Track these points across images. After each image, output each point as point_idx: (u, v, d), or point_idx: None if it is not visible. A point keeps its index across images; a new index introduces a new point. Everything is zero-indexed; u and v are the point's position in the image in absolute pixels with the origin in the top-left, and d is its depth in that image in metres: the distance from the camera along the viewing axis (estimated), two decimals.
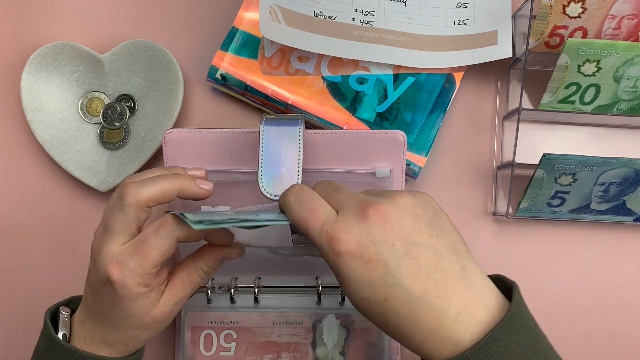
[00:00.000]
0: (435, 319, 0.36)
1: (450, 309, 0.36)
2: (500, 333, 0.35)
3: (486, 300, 0.37)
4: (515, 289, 0.38)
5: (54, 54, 0.57)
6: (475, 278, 0.38)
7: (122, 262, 0.40)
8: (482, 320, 0.36)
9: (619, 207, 0.56)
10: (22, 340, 0.58)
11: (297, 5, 0.56)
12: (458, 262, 0.37)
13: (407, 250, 0.36)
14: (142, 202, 0.41)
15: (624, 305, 0.59)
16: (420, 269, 0.36)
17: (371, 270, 0.36)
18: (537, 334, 0.37)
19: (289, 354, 0.54)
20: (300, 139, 0.49)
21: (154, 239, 0.40)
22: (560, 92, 0.55)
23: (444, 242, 0.38)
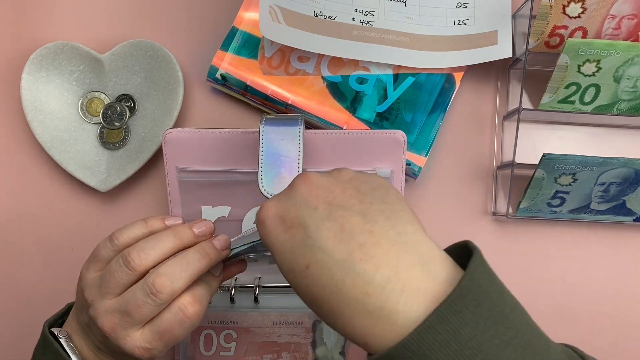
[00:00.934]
0: (360, 287, 0.31)
1: (377, 274, 0.31)
2: (447, 313, 0.29)
3: (429, 266, 0.31)
4: (473, 258, 0.31)
5: (54, 54, 0.57)
6: (417, 244, 0.33)
7: (150, 347, 0.40)
8: (421, 289, 0.30)
9: (619, 207, 0.56)
10: (23, 340, 0.58)
11: (297, 5, 0.56)
12: (393, 228, 0.33)
13: (331, 213, 0.33)
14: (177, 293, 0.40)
15: (624, 305, 0.59)
16: (344, 231, 0.33)
17: (292, 235, 0.34)
18: (501, 311, 0.30)
19: (289, 354, 0.54)
20: (300, 139, 0.49)
21: (180, 329, 0.40)
22: (560, 92, 0.55)
23: (378, 208, 0.34)
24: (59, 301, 0.58)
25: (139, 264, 0.40)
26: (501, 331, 0.29)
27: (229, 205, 0.54)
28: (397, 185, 0.53)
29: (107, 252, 0.42)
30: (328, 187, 0.35)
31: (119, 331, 0.40)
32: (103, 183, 0.57)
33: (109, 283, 0.40)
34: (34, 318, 0.59)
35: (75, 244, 0.59)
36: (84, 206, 0.59)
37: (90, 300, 0.41)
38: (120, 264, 0.40)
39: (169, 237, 0.42)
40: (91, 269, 0.43)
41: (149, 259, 0.41)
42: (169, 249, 0.42)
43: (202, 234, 0.43)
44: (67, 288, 0.59)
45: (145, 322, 0.40)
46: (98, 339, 0.42)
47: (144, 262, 0.40)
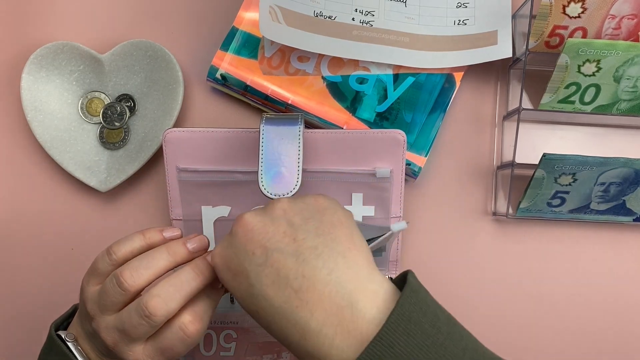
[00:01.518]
0: (298, 333, 0.33)
1: (312, 320, 0.33)
2: (376, 349, 0.30)
3: (358, 306, 0.32)
4: (405, 289, 0.33)
5: (54, 54, 0.57)
6: (347, 282, 0.33)
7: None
8: (350, 330, 0.32)
9: (619, 207, 0.56)
10: (23, 339, 0.58)
11: (297, 5, 0.56)
12: (324, 266, 0.34)
13: (267, 258, 0.35)
14: (172, 313, 0.40)
15: (624, 305, 0.59)
16: (280, 276, 0.34)
17: (239, 283, 0.36)
18: (435, 340, 0.31)
19: (289, 354, 0.54)
20: (300, 138, 0.49)
21: (181, 346, 0.40)
22: (560, 92, 0.55)
23: (310, 244, 0.35)
24: (59, 301, 0.59)
25: (131, 285, 0.40)
26: (433, 359, 0.30)
27: (229, 205, 0.54)
28: (397, 185, 0.53)
29: (105, 266, 0.42)
30: (262, 227, 0.36)
31: (121, 346, 0.40)
32: (103, 183, 0.57)
33: (105, 301, 0.40)
34: (34, 318, 0.59)
35: (75, 244, 0.59)
36: (84, 206, 0.59)
37: (92, 314, 0.41)
38: (113, 284, 0.40)
39: (162, 254, 0.41)
40: (91, 283, 0.43)
41: (142, 279, 0.40)
42: (162, 267, 0.41)
43: (196, 250, 0.43)
44: (67, 288, 0.59)
45: (145, 339, 0.40)
46: (103, 348, 0.42)
47: (137, 282, 0.40)
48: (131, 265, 0.41)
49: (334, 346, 0.32)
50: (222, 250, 0.38)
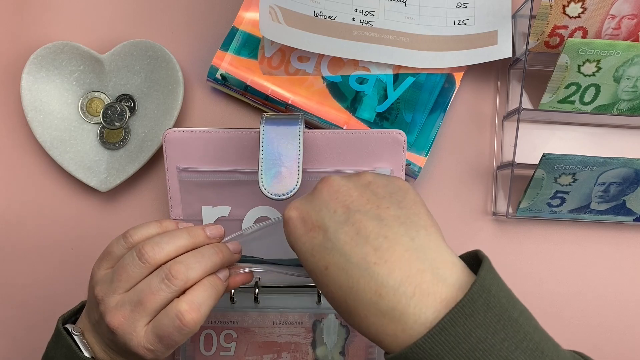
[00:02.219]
0: (373, 289, 0.33)
1: (390, 278, 0.33)
2: (459, 316, 0.31)
3: (439, 271, 0.33)
4: (483, 265, 0.33)
5: (54, 54, 0.57)
6: (429, 250, 0.34)
7: (152, 349, 0.40)
8: (430, 293, 0.32)
9: (619, 207, 0.56)
10: (24, 339, 0.58)
11: (297, 5, 0.56)
12: (407, 233, 0.34)
13: (349, 217, 0.35)
14: (190, 282, 0.40)
15: (624, 305, 0.59)
16: (360, 235, 0.34)
17: (312, 237, 0.36)
18: (511, 315, 0.32)
19: (289, 354, 0.54)
20: (300, 138, 0.49)
21: (178, 335, 0.40)
22: (560, 92, 0.55)
23: (394, 213, 0.35)
24: (59, 301, 0.59)
25: (152, 257, 0.40)
26: (510, 334, 0.31)
27: (229, 205, 0.54)
28: None
29: (120, 249, 0.43)
30: (347, 190, 0.37)
31: (126, 326, 0.40)
32: (103, 183, 0.57)
33: (121, 276, 0.41)
34: (34, 318, 0.59)
35: (75, 244, 0.59)
36: (84, 206, 0.59)
37: (100, 296, 0.41)
38: (133, 256, 0.41)
39: (182, 234, 0.43)
40: (102, 267, 0.43)
41: (163, 253, 0.41)
42: (182, 245, 0.42)
43: (213, 236, 0.44)
44: (67, 288, 0.59)
45: (154, 315, 0.40)
46: (107, 336, 0.42)
47: (158, 255, 0.41)
48: (152, 241, 0.41)
49: (411, 305, 0.32)
50: (301, 204, 0.38)
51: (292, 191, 0.48)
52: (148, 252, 0.41)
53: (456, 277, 0.33)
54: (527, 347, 0.31)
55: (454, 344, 0.30)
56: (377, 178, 0.38)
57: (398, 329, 0.32)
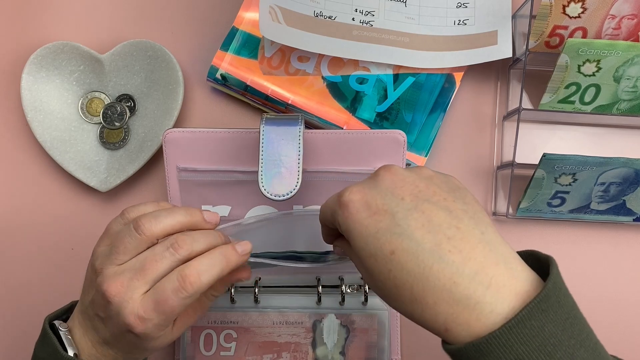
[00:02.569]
0: (448, 276, 0.32)
1: (465, 267, 0.32)
2: (535, 310, 0.31)
3: (511, 265, 0.33)
4: (552, 264, 0.34)
5: (54, 54, 0.57)
6: (499, 244, 0.34)
7: (145, 317, 0.39)
8: (506, 285, 0.32)
9: (619, 207, 0.56)
10: (23, 339, 0.58)
11: (297, 5, 0.56)
12: (477, 227, 0.34)
13: (417, 205, 0.35)
14: (194, 254, 0.41)
15: (624, 305, 0.59)
16: (432, 223, 0.34)
17: (377, 221, 0.35)
18: (576, 314, 0.33)
19: (289, 353, 0.54)
20: (300, 138, 0.49)
21: (176, 300, 0.39)
22: (560, 92, 0.55)
23: (461, 207, 0.35)
24: (59, 301, 0.58)
25: (149, 229, 0.41)
26: (576, 332, 0.32)
27: (229, 205, 0.54)
28: None
29: (118, 226, 0.43)
30: (412, 181, 0.37)
31: (123, 294, 0.39)
32: (103, 183, 0.57)
33: (118, 248, 0.41)
34: (34, 318, 0.59)
35: (75, 244, 0.59)
36: (84, 206, 0.59)
37: (99, 268, 0.41)
38: (130, 228, 0.41)
39: (180, 210, 0.43)
40: (102, 244, 0.43)
41: (159, 226, 0.41)
42: (179, 221, 0.42)
43: (209, 220, 0.44)
44: (67, 288, 0.59)
45: (152, 285, 0.40)
46: (98, 316, 0.41)
47: (154, 228, 0.41)
48: (150, 214, 0.42)
49: (487, 295, 0.32)
50: (363, 188, 0.37)
51: (292, 191, 0.48)
52: (145, 224, 0.41)
53: (526, 274, 0.33)
54: (589, 345, 0.32)
55: (528, 337, 0.31)
56: (437, 174, 0.38)
57: (472, 318, 0.32)
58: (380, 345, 0.54)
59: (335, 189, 0.53)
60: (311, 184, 0.53)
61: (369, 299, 0.54)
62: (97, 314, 0.42)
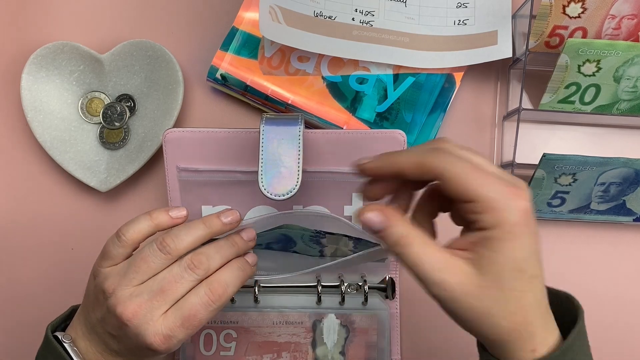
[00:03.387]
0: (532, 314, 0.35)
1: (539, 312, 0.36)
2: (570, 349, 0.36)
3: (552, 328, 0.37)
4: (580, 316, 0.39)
5: (54, 54, 0.57)
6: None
7: (171, 335, 0.40)
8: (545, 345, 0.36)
9: (619, 207, 0.56)
10: (23, 339, 0.58)
11: (297, 5, 0.56)
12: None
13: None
14: (211, 271, 0.43)
15: (624, 305, 0.59)
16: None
17: (535, 242, 0.34)
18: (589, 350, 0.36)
19: (289, 353, 0.54)
20: (300, 138, 0.49)
21: (204, 313, 0.41)
22: (560, 92, 0.55)
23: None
24: (59, 301, 0.58)
25: (174, 249, 0.41)
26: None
27: (229, 205, 0.54)
28: None
29: (116, 249, 0.43)
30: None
31: (141, 316, 0.40)
32: (103, 183, 0.57)
33: (139, 268, 0.41)
34: (34, 318, 0.59)
35: (75, 244, 0.59)
36: (84, 206, 0.59)
37: (111, 289, 0.41)
38: (154, 249, 0.41)
39: (199, 225, 0.44)
40: (104, 265, 0.43)
41: (183, 245, 0.42)
42: (201, 236, 0.43)
43: (229, 222, 0.45)
44: (67, 288, 0.59)
45: (171, 304, 0.41)
46: (112, 332, 0.41)
47: (179, 246, 0.42)
48: (172, 233, 0.42)
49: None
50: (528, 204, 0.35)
51: (292, 191, 0.48)
52: (170, 244, 0.41)
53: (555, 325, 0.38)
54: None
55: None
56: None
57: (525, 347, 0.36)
58: (380, 345, 0.54)
59: (335, 189, 0.53)
60: (311, 184, 0.53)
61: (369, 299, 0.54)
62: (108, 332, 0.42)
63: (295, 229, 0.50)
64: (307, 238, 0.51)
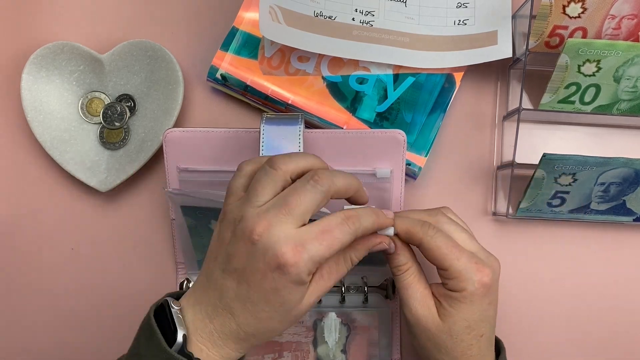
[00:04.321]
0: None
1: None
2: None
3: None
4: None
5: (54, 54, 0.57)
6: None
7: (303, 245, 0.38)
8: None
9: (619, 207, 0.56)
10: (23, 339, 0.58)
11: (297, 5, 0.56)
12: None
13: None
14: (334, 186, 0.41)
15: (624, 305, 0.59)
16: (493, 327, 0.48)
17: (489, 309, 0.46)
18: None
19: (290, 353, 0.54)
20: (300, 138, 0.49)
21: (340, 232, 0.39)
22: (560, 92, 0.55)
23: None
24: (59, 301, 0.58)
25: (282, 163, 0.41)
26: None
27: None
28: (397, 185, 0.53)
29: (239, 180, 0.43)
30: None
31: (272, 228, 0.38)
32: (103, 183, 0.57)
33: (256, 189, 0.40)
34: (34, 318, 0.59)
35: (75, 244, 0.59)
36: (84, 206, 0.59)
37: (238, 216, 0.40)
38: (264, 167, 0.41)
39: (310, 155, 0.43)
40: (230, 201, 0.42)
41: (292, 164, 0.41)
42: (311, 161, 0.42)
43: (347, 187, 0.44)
44: (67, 288, 0.59)
45: (300, 220, 0.39)
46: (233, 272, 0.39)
47: (288, 163, 0.41)
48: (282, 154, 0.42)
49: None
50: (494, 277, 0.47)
51: None
52: (278, 161, 0.41)
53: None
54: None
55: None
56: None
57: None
58: (381, 342, 0.54)
59: None
60: None
61: (369, 297, 0.54)
62: (235, 269, 0.39)
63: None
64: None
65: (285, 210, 0.38)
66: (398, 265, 0.46)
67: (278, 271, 0.38)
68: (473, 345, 0.45)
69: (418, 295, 0.46)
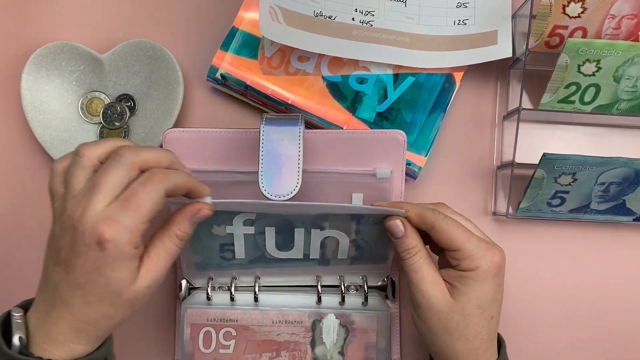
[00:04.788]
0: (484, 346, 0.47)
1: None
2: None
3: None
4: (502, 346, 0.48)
5: (54, 54, 0.57)
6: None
7: (114, 218, 0.38)
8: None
9: (619, 207, 0.56)
10: None
11: (297, 5, 0.56)
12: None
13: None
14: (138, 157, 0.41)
15: (624, 305, 0.59)
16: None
17: (498, 292, 0.47)
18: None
19: (288, 352, 0.54)
20: (300, 138, 0.49)
21: (143, 192, 0.39)
22: (560, 92, 0.55)
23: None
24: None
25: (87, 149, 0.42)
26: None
27: None
28: (397, 185, 0.53)
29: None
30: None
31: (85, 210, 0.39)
32: None
33: (69, 185, 0.42)
34: None
35: None
36: None
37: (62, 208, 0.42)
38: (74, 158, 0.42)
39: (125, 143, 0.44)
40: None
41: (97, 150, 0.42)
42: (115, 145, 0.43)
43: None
44: None
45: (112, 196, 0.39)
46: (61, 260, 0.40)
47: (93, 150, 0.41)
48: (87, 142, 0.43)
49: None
50: (502, 259, 0.48)
51: (292, 192, 0.48)
52: (84, 148, 0.41)
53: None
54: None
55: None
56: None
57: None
58: (379, 345, 0.54)
59: (335, 189, 0.53)
60: (311, 185, 0.53)
61: (369, 299, 0.54)
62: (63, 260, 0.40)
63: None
64: (308, 225, 0.51)
65: (96, 191, 0.39)
66: (408, 248, 0.47)
67: (98, 248, 0.38)
68: (484, 327, 0.46)
69: (429, 277, 0.46)
